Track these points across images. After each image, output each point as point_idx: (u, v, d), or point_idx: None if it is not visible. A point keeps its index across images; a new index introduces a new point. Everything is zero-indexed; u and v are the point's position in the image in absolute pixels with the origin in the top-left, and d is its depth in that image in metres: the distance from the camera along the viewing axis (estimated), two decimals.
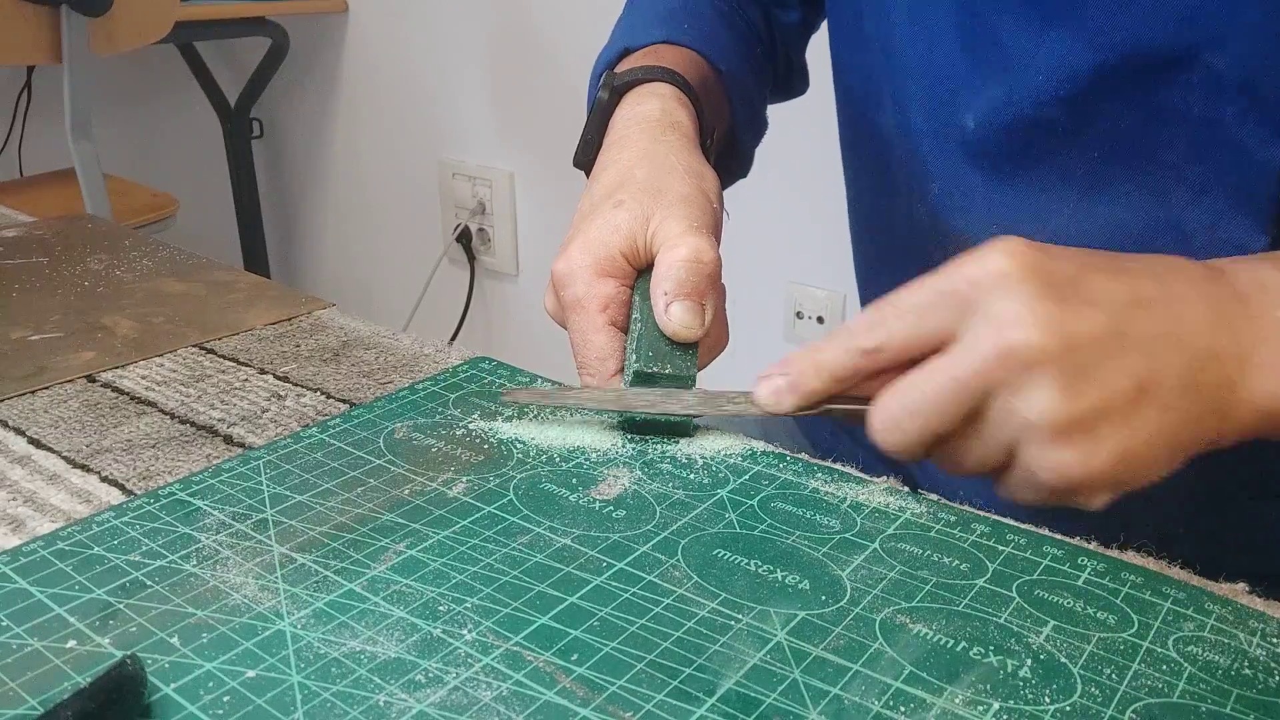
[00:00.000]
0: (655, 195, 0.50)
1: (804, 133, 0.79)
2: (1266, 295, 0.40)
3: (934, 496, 0.42)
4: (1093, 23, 0.47)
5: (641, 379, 0.46)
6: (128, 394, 0.52)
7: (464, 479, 0.43)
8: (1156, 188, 0.49)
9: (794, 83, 0.77)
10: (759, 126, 0.72)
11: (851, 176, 0.68)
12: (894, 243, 0.64)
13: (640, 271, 0.50)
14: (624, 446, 0.46)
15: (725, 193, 0.57)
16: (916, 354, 0.40)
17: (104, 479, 0.44)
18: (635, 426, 0.47)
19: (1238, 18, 0.45)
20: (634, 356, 0.47)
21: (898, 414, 0.40)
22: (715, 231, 0.51)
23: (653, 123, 0.55)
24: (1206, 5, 0.45)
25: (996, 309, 0.37)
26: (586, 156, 0.58)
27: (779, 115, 0.75)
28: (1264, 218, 0.47)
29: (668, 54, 0.61)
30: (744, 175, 0.73)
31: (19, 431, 0.48)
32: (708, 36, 0.64)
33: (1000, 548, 0.39)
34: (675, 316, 0.47)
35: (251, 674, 0.31)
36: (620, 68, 0.60)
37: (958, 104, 0.53)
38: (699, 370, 0.48)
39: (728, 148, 0.69)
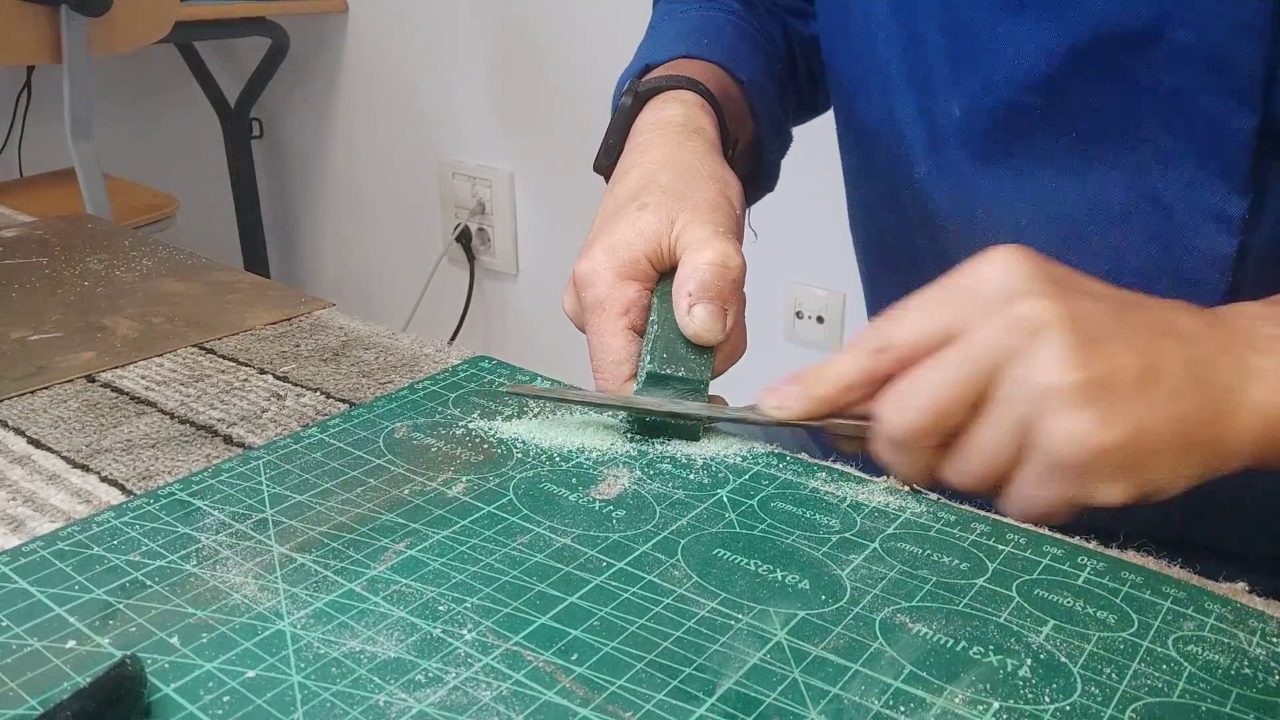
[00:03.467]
0: (680, 199, 0.50)
1: (804, 133, 0.80)
2: (1247, 320, 0.41)
3: (934, 496, 0.42)
4: (1062, 5, 0.48)
5: (655, 380, 0.46)
6: (127, 394, 0.52)
7: (464, 479, 0.43)
8: (1135, 161, 0.50)
9: (819, 97, 0.77)
10: (784, 139, 0.72)
11: (845, 168, 0.69)
12: (886, 232, 0.64)
13: (661, 275, 0.50)
14: (624, 446, 0.46)
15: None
16: (926, 352, 0.40)
17: (104, 479, 0.44)
18: (645, 428, 0.47)
19: None
20: (649, 358, 0.46)
21: (906, 392, 0.39)
22: (738, 237, 0.51)
23: (676, 128, 0.55)
24: None
25: (1001, 289, 0.38)
26: (608, 161, 0.58)
27: None
28: (1240, 182, 0.48)
29: (689, 67, 0.62)
30: (770, 189, 0.73)
31: (19, 431, 0.48)
32: (728, 50, 0.65)
33: (1000, 547, 0.39)
34: (698, 318, 0.47)
35: (251, 674, 0.31)
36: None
37: (942, 93, 0.54)
38: (715, 377, 0.48)
39: (754, 161, 0.69)
